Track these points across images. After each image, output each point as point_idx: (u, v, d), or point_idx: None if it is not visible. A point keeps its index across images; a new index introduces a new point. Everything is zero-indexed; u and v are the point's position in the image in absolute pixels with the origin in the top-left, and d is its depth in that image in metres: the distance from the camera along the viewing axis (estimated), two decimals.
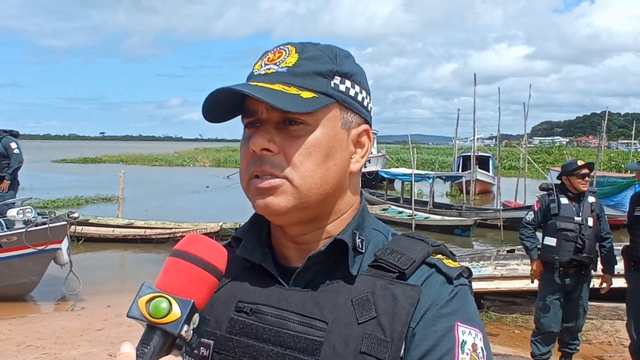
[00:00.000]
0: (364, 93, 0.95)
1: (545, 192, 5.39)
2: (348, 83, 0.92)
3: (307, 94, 0.87)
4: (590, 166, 5.30)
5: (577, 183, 5.20)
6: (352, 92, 0.92)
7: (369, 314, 0.85)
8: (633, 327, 5.02)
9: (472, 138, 26.75)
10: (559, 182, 5.42)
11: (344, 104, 0.91)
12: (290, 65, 0.89)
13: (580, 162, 5.24)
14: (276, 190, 0.87)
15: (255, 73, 0.92)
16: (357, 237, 0.92)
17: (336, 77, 0.91)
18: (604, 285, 5.35)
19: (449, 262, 0.91)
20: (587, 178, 5.23)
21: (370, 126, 0.97)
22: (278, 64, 0.90)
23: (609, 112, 25.92)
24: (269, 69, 0.90)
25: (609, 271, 5.31)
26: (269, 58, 0.92)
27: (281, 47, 0.92)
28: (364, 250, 0.91)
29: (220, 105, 0.90)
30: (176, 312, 0.73)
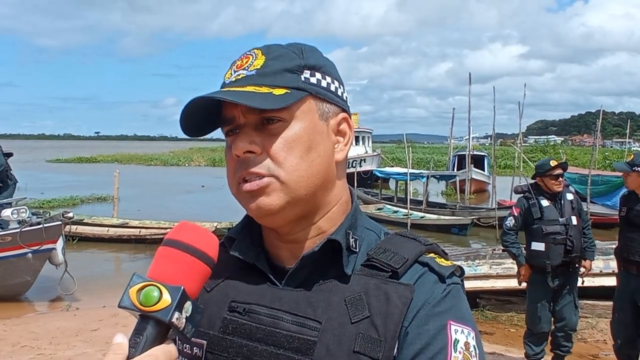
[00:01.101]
0: (337, 83, 0.96)
1: (521, 195, 5.32)
2: (318, 75, 0.92)
3: (278, 91, 0.88)
4: (563, 166, 5.21)
5: (551, 184, 5.14)
6: (324, 83, 0.93)
7: (363, 314, 0.85)
8: (615, 326, 5.03)
9: (467, 137, 26.80)
10: (533, 182, 5.37)
11: (318, 95, 0.92)
12: (259, 67, 0.90)
13: (553, 163, 5.15)
14: (265, 190, 0.88)
15: (227, 82, 0.93)
16: (351, 236, 0.92)
17: (305, 70, 0.91)
18: (582, 270, 5.26)
19: (442, 261, 0.91)
20: (560, 179, 5.15)
21: (349, 114, 0.98)
22: (247, 68, 0.91)
23: (603, 111, 25.95)
24: (238, 75, 0.91)
25: (589, 257, 5.26)
26: (237, 65, 0.93)
27: (247, 52, 0.94)
28: (357, 250, 0.91)
29: (199, 118, 0.91)
30: (166, 299, 0.73)
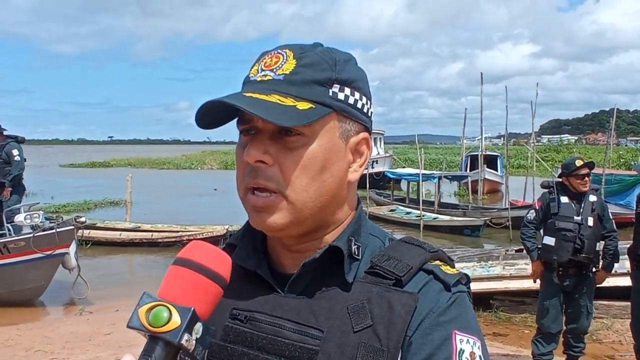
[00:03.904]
0: (364, 99, 0.92)
1: (546, 190, 5.31)
2: (347, 90, 0.89)
3: (303, 105, 0.84)
4: (590, 165, 5.16)
5: (577, 184, 5.10)
6: (351, 100, 0.89)
7: (365, 322, 0.83)
8: (636, 327, 4.95)
9: (480, 137, 26.68)
10: (559, 180, 5.35)
11: (343, 112, 0.89)
12: (288, 72, 0.86)
13: (578, 163, 5.11)
14: (270, 208, 0.86)
15: (252, 79, 0.89)
16: (353, 243, 0.90)
17: (335, 85, 0.88)
18: (596, 280, 5.22)
19: (447, 269, 0.89)
20: (586, 178, 5.10)
21: (370, 133, 0.95)
22: (275, 70, 0.87)
23: (617, 109, 25.73)
24: (265, 75, 0.88)
25: (606, 268, 5.21)
26: (265, 63, 0.89)
27: (279, 51, 0.89)
28: (360, 257, 0.90)
29: (215, 111, 0.88)
30: (176, 320, 0.71)
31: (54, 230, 8.20)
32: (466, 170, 27.88)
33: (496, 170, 28.98)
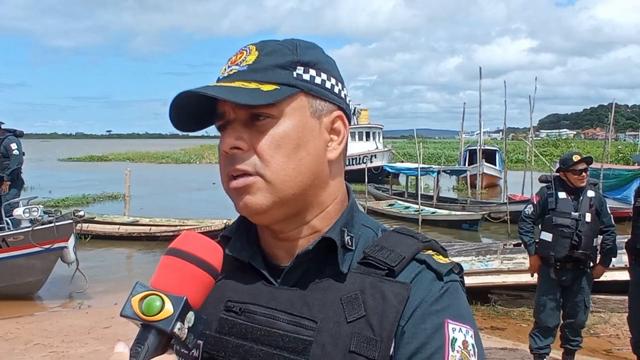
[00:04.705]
0: (334, 80, 0.93)
1: (544, 185, 5.31)
2: (313, 72, 0.91)
3: (267, 87, 0.86)
4: (587, 160, 5.14)
5: (574, 179, 5.09)
6: (318, 80, 0.91)
7: (358, 313, 0.83)
8: (633, 321, 4.96)
9: (479, 132, 26.68)
10: (557, 175, 5.34)
11: (311, 92, 0.90)
12: (251, 62, 0.89)
13: (575, 158, 5.09)
14: (251, 189, 0.87)
15: (220, 77, 0.92)
16: (346, 234, 0.90)
17: (298, 67, 0.90)
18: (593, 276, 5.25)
19: (440, 258, 0.89)
20: (584, 174, 5.09)
21: (346, 113, 0.95)
22: (239, 64, 0.90)
23: (615, 104, 25.75)
24: (231, 70, 0.91)
25: (603, 263, 5.23)
26: (231, 61, 0.92)
27: (243, 48, 0.93)
28: (353, 248, 0.90)
29: (191, 113, 0.90)
30: (168, 309, 0.72)
31: (52, 224, 8.20)
32: (465, 165, 27.90)
33: (495, 164, 29.00)
